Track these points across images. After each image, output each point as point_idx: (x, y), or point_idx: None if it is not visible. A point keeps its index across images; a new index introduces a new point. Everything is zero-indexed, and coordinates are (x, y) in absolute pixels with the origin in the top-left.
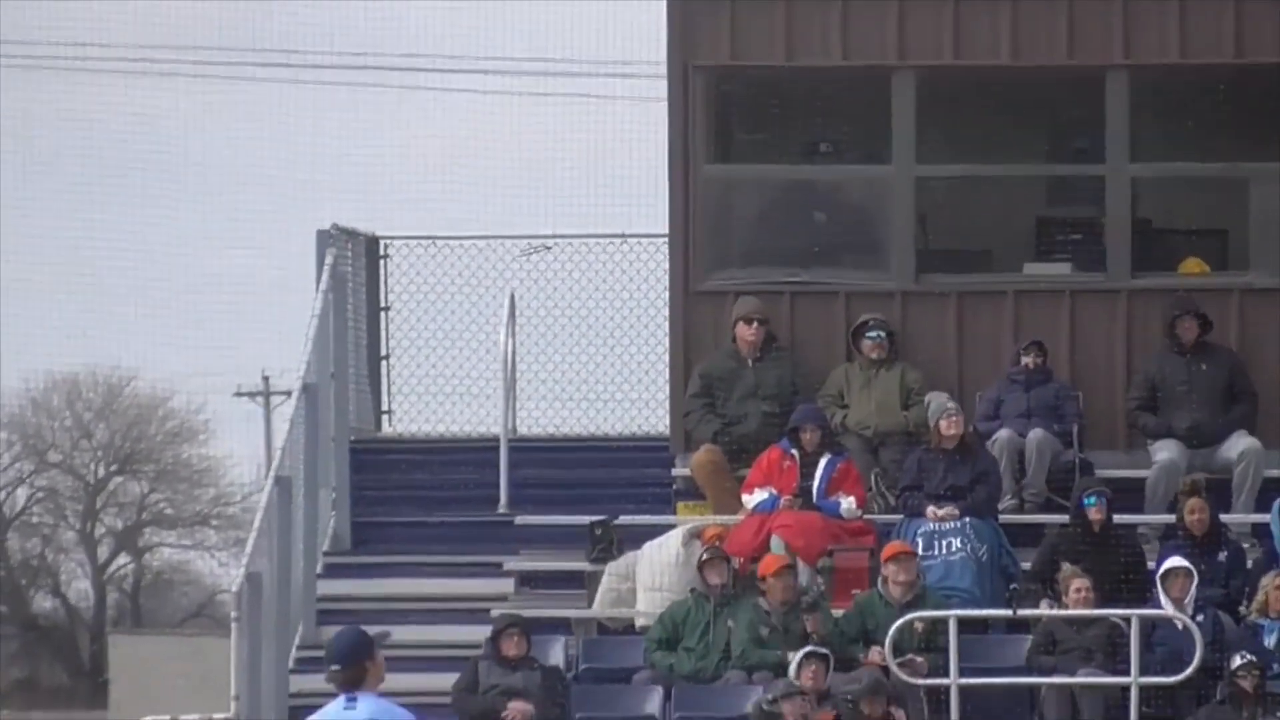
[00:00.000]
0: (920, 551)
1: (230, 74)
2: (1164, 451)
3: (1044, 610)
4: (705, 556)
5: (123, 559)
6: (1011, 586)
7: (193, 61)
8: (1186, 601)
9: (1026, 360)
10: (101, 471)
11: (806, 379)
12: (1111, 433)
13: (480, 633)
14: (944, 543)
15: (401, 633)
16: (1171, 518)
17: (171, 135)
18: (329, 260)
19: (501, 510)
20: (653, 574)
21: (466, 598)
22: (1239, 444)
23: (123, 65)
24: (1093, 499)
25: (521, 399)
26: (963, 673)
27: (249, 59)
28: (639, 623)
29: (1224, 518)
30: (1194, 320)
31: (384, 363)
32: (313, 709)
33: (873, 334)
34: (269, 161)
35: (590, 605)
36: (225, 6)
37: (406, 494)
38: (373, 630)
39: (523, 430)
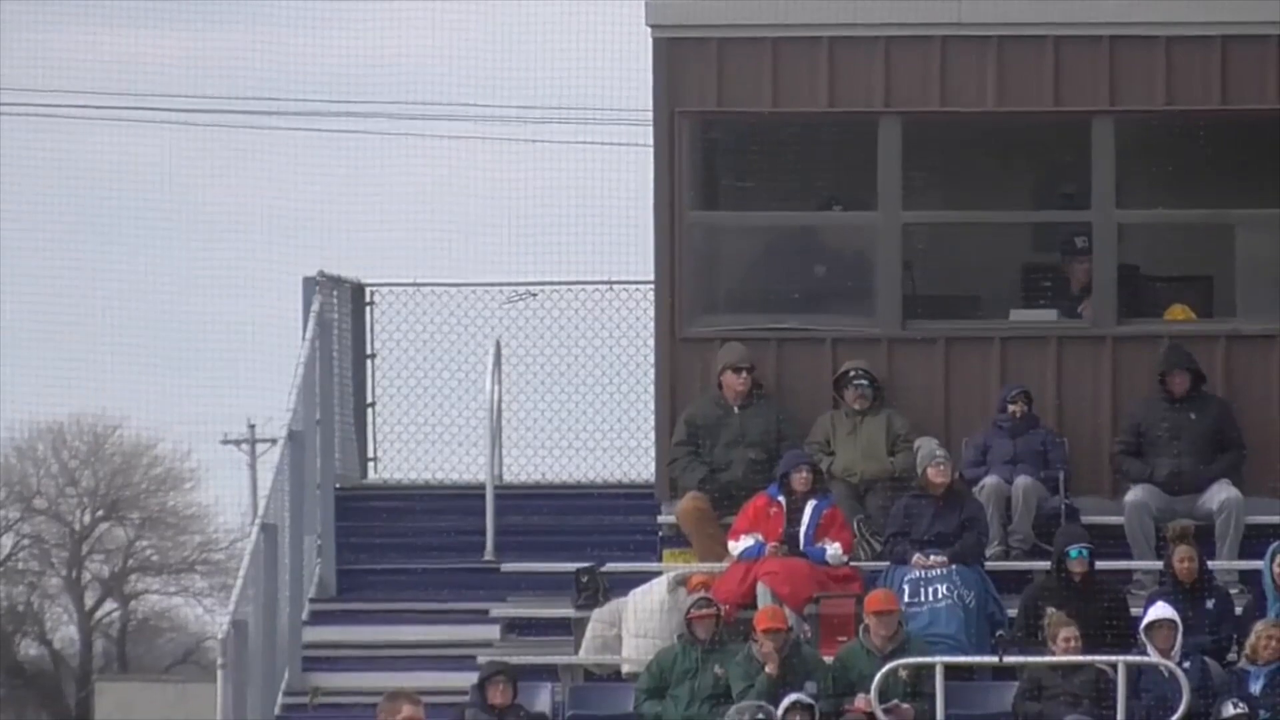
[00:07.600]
0: (906, 598)
1: (214, 121)
2: (1133, 493)
3: (1030, 657)
4: (695, 611)
5: (109, 605)
6: (998, 633)
7: (178, 109)
8: (1172, 652)
9: (1013, 408)
10: (87, 518)
11: (792, 426)
12: (1097, 479)
13: (466, 679)
14: (930, 589)
15: (387, 680)
16: (1158, 564)
17: (156, 182)
18: (315, 307)
19: (487, 557)
20: (639, 620)
21: (452, 644)
22: (1220, 494)
23: (107, 112)
24: (1076, 551)
25: (507, 446)
26: (949, 719)
27: (234, 106)
28: (625, 669)
29: (1211, 564)
30: (1185, 374)
31: (370, 409)
32: None
33: (858, 383)
34: (254, 208)
35: (576, 652)
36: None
37: (392, 541)
38: None
39: (508, 477)
